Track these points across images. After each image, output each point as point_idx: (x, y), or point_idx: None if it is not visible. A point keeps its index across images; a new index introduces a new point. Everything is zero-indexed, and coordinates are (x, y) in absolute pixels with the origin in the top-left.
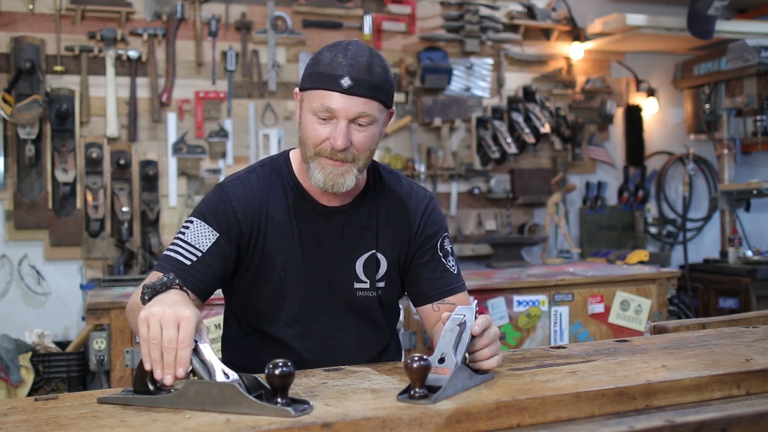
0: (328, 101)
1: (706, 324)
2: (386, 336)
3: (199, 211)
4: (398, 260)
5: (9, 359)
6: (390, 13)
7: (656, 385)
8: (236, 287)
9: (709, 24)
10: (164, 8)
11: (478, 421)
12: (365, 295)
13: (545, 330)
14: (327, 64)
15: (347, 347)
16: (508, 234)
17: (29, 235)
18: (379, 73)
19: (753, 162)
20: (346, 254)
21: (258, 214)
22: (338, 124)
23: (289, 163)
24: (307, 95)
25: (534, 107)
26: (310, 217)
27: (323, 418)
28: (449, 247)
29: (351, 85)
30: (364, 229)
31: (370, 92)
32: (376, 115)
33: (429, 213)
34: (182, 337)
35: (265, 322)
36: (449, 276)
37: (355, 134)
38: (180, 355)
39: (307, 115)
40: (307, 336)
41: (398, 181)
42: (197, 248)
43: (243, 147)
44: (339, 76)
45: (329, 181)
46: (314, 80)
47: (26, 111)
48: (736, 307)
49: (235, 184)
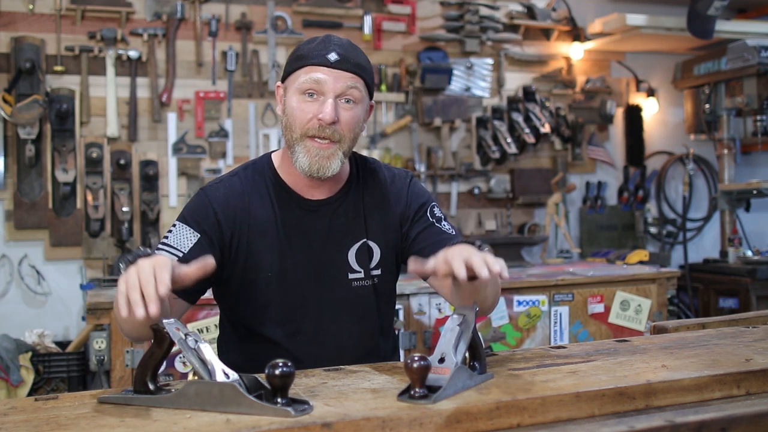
0: (316, 74)
1: (706, 324)
2: (382, 328)
3: (181, 215)
4: (395, 244)
5: (9, 359)
6: (390, 13)
7: (656, 385)
8: (225, 291)
9: (709, 24)
10: (164, 8)
11: (478, 421)
12: (361, 284)
13: (545, 330)
14: (308, 46)
15: (343, 343)
16: (508, 234)
17: (29, 235)
18: (363, 57)
19: (753, 162)
20: (337, 246)
21: (240, 215)
22: (326, 100)
23: (271, 162)
24: (291, 79)
25: (534, 107)
26: (296, 213)
27: (323, 418)
28: (440, 214)
29: (338, 59)
30: (353, 219)
31: (356, 69)
32: (362, 93)
33: (412, 188)
34: (159, 276)
35: (256, 324)
36: (447, 236)
37: (342, 112)
38: (160, 278)
39: (292, 97)
40: (300, 334)
41: (379, 169)
42: (179, 249)
43: (243, 147)
44: (326, 52)
45: (315, 164)
46: (298, 60)
47: (26, 111)
48: (736, 307)
49: (217, 186)
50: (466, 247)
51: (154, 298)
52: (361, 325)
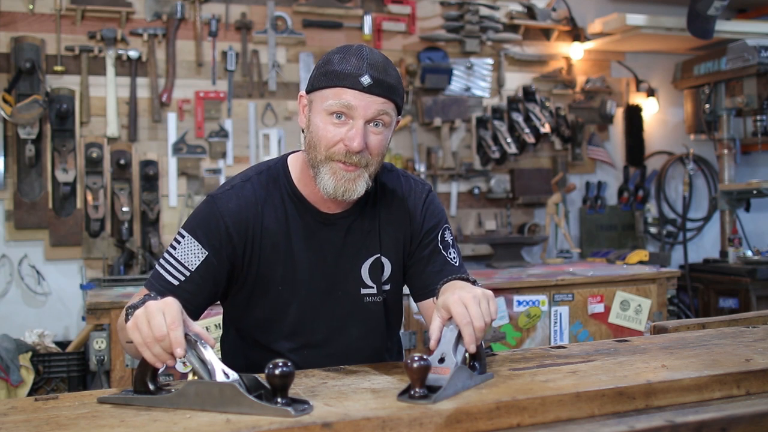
0: (347, 98)
1: (706, 324)
2: (389, 342)
3: (190, 226)
4: (402, 259)
5: (9, 359)
6: (390, 13)
7: (656, 385)
8: (233, 301)
9: (709, 24)
10: (164, 8)
11: (478, 421)
12: (372, 300)
13: (545, 330)
14: (341, 63)
15: (349, 357)
16: (508, 234)
17: (29, 235)
18: (395, 75)
19: (753, 162)
20: (351, 260)
21: (252, 227)
22: (355, 125)
23: (287, 169)
24: (318, 95)
25: (534, 107)
26: (311, 225)
27: (323, 418)
28: (450, 239)
29: (371, 84)
30: (367, 233)
31: (388, 92)
32: (392, 116)
33: (428, 206)
34: (170, 320)
35: (263, 335)
36: (450, 268)
37: (371, 137)
38: (173, 336)
39: (319, 116)
40: (308, 347)
41: (397, 180)
42: (186, 267)
43: (243, 147)
44: (358, 74)
45: (340, 187)
46: (329, 78)
47: (26, 111)
48: (736, 307)
49: (229, 195)
50: (466, 296)
51: (169, 357)
52: (369, 339)
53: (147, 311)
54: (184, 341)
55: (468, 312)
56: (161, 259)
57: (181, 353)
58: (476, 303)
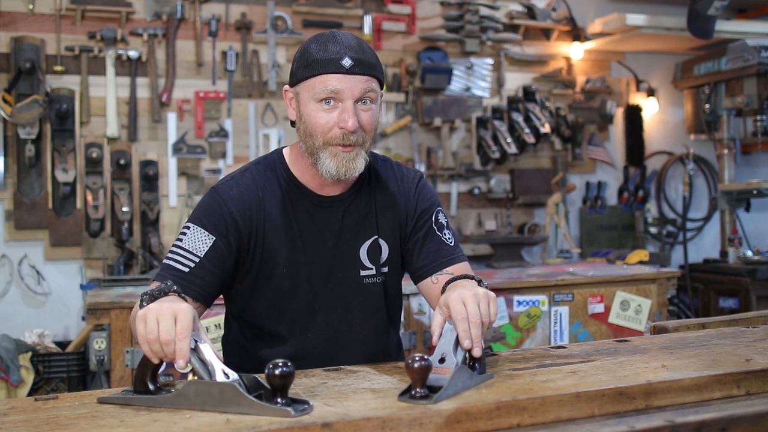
0: (333, 83)
1: (706, 324)
2: (391, 327)
3: (195, 216)
4: (400, 241)
5: (9, 359)
6: (390, 13)
7: (656, 385)
8: (238, 288)
9: (709, 24)
10: (164, 8)
11: (478, 421)
12: (372, 281)
13: (545, 330)
14: (320, 51)
15: (353, 339)
16: (508, 234)
17: (29, 235)
18: (371, 53)
19: (753, 162)
20: (349, 243)
21: (255, 212)
22: (345, 107)
23: (283, 159)
24: (304, 86)
25: (534, 107)
26: (309, 209)
27: (323, 418)
28: (444, 220)
29: (352, 65)
30: (365, 216)
31: (369, 70)
32: (377, 91)
33: (421, 189)
34: (180, 329)
35: (268, 322)
36: (446, 247)
37: (362, 114)
38: (179, 347)
39: (309, 106)
40: (311, 330)
41: (390, 168)
42: (195, 254)
43: (243, 147)
44: (338, 58)
45: (342, 167)
46: (311, 68)
47: (26, 111)
48: (736, 307)
49: (230, 184)
50: (466, 294)
51: (168, 358)
52: (370, 321)
53: (160, 311)
54: (188, 354)
55: (465, 309)
56: (169, 253)
57: (182, 365)
58: (475, 302)
